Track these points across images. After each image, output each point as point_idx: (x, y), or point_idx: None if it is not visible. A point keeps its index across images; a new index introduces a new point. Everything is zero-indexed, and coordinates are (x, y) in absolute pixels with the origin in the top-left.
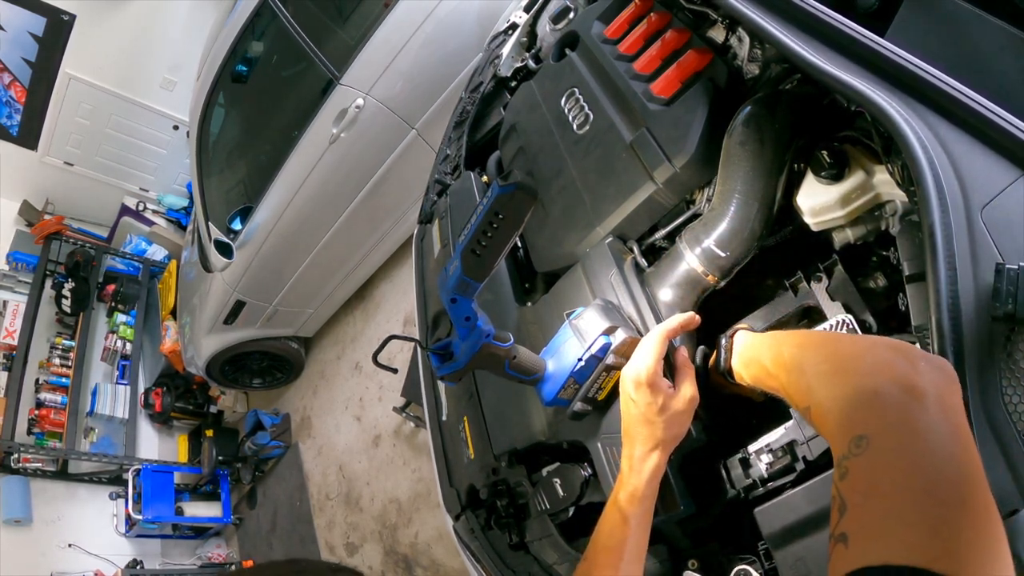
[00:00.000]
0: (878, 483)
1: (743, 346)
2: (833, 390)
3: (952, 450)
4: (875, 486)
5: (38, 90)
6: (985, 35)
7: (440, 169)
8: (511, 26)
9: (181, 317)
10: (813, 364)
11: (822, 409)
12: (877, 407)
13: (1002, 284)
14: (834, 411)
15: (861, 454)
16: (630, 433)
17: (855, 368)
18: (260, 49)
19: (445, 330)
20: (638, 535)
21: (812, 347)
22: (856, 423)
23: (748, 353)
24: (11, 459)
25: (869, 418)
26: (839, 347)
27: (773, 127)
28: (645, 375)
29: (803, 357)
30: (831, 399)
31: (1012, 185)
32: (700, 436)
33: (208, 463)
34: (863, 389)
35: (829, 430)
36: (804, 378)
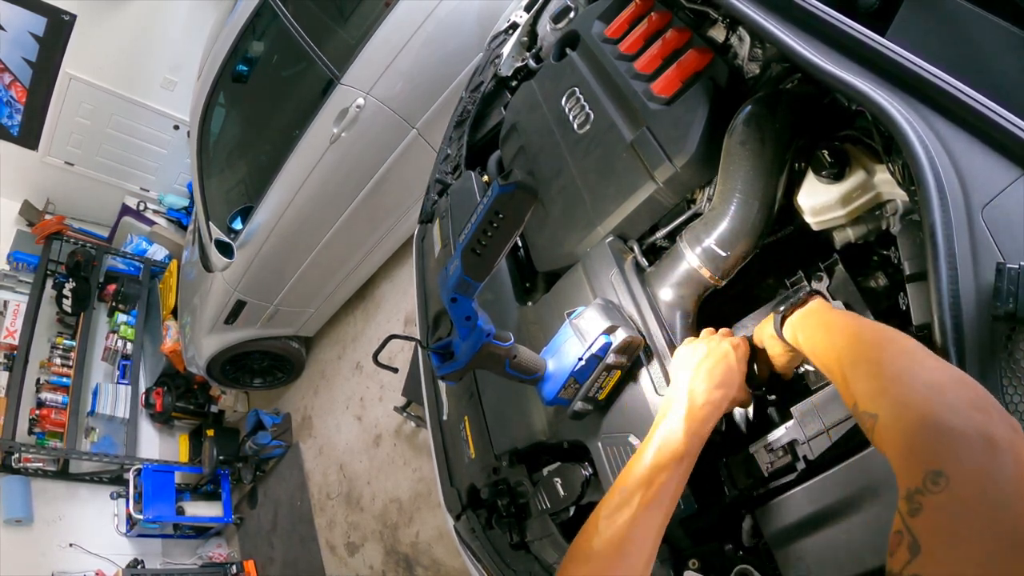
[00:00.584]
0: (959, 530)
1: (814, 311)
2: (909, 412)
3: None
4: (956, 533)
5: (39, 90)
6: (986, 34)
7: (441, 169)
8: (511, 26)
9: (182, 317)
10: (890, 374)
11: (888, 424)
12: (957, 447)
13: (1003, 283)
14: (907, 435)
15: (939, 492)
16: (720, 375)
17: (936, 399)
18: (261, 49)
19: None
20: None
21: (893, 353)
22: (933, 457)
23: (816, 320)
24: (12, 459)
25: (948, 456)
26: (922, 366)
27: (774, 126)
28: (745, 346)
29: (880, 360)
30: (905, 420)
31: (1013, 184)
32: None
33: (209, 463)
34: (942, 424)
35: (895, 450)
36: (874, 382)
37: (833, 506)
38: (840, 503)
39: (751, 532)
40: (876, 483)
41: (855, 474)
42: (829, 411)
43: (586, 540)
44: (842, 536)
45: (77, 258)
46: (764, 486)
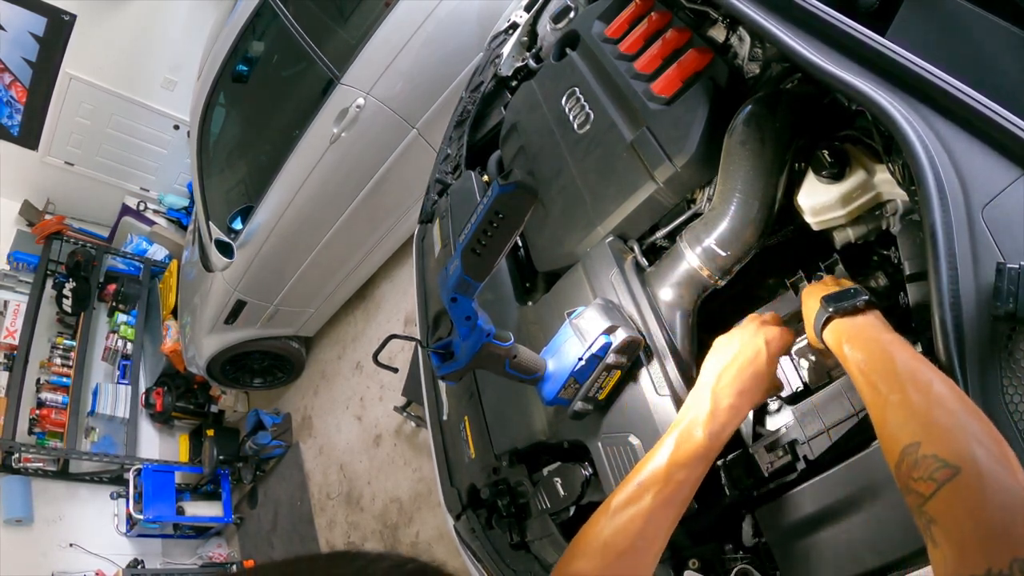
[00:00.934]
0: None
1: (871, 327)
2: (1004, 486)
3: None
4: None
5: (39, 90)
6: (986, 34)
7: (441, 169)
8: (512, 26)
9: (182, 317)
10: (960, 430)
11: (974, 486)
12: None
13: (1003, 283)
14: (990, 507)
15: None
16: (747, 378)
17: (1015, 476)
18: (261, 49)
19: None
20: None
21: (969, 410)
22: (1020, 542)
23: (875, 343)
24: (12, 459)
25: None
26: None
27: (774, 126)
28: (784, 338)
29: (960, 412)
30: (1002, 495)
31: (1013, 184)
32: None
33: (209, 463)
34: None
35: (975, 518)
36: (959, 434)
37: (833, 506)
38: (840, 503)
39: (751, 532)
40: (876, 483)
41: (855, 474)
42: (829, 411)
43: (595, 533)
44: (842, 536)
45: (77, 258)
46: (764, 486)
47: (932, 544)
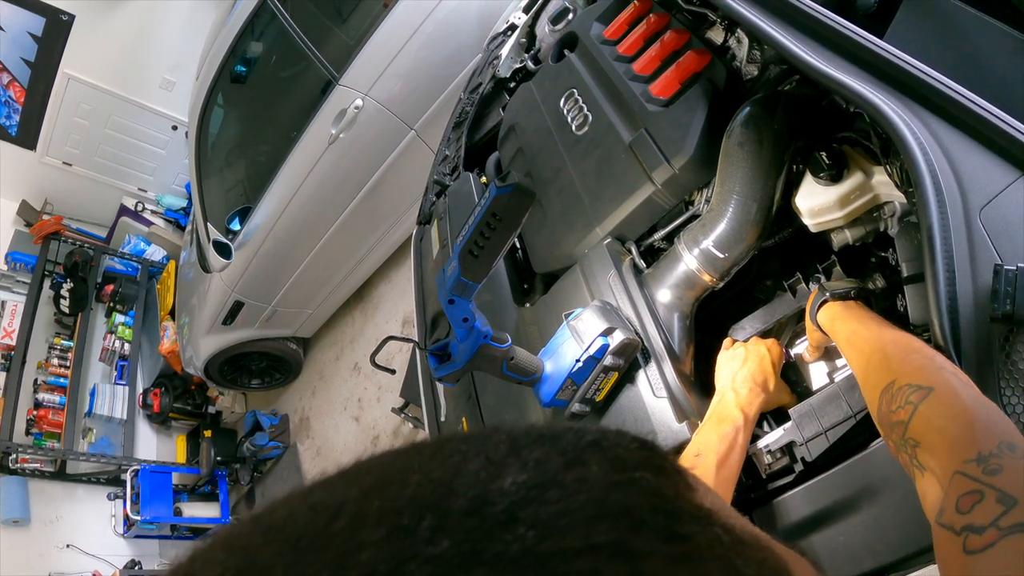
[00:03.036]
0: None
1: (858, 305)
2: (973, 390)
3: None
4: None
5: (37, 90)
6: (983, 36)
7: (439, 170)
8: (510, 27)
9: (180, 318)
10: (941, 361)
11: (949, 396)
12: (1017, 430)
13: (1000, 285)
14: (976, 408)
15: (1018, 458)
16: (761, 380)
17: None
18: (259, 49)
19: (443, 331)
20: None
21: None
22: (1004, 431)
23: (861, 312)
24: (9, 459)
25: (1014, 433)
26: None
27: (772, 128)
28: (780, 349)
29: (933, 353)
30: (971, 396)
31: (1010, 186)
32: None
33: (206, 464)
34: (999, 412)
35: (957, 420)
36: (929, 364)
37: (831, 508)
38: (838, 505)
39: None
40: (874, 485)
41: (853, 475)
42: (827, 413)
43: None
44: (840, 538)
45: (75, 258)
46: (762, 487)
47: (919, 472)
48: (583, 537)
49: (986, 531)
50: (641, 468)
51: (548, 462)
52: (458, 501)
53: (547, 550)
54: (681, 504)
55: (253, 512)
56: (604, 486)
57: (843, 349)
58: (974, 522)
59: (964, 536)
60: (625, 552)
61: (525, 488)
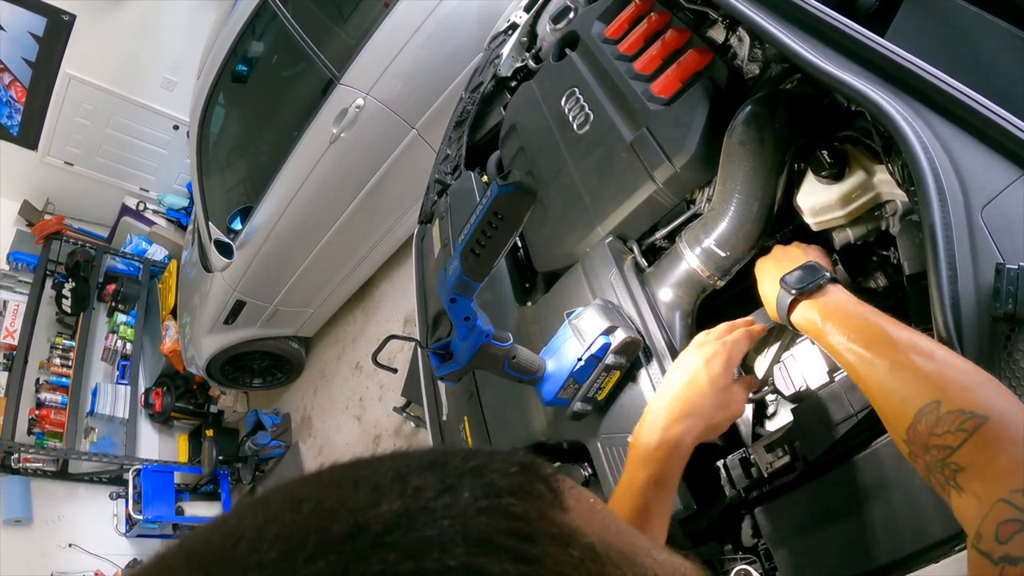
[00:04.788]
0: None
1: (846, 299)
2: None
3: None
4: None
5: (38, 90)
6: (985, 35)
7: (440, 169)
8: (511, 26)
9: (181, 317)
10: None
11: (1009, 422)
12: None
13: (1002, 284)
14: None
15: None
16: (681, 405)
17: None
18: (260, 49)
19: (445, 330)
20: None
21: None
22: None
23: (853, 308)
24: (11, 459)
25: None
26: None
27: (773, 127)
28: (732, 347)
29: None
30: (1016, 427)
31: (1012, 185)
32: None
33: (208, 463)
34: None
35: (1004, 454)
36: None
37: (833, 506)
38: (840, 503)
39: (751, 532)
40: (876, 483)
41: (855, 474)
42: (828, 412)
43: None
44: (842, 536)
45: (77, 258)
46: (764, 486)
47: (956, 492)
48: (438, 560)
49: (1021, 563)
50: (510, 494)
51: (425, 489)
52: (339, 526)
53: (405, 571)
54: (541, 526)
55: (180, 539)
56: (470, 512)
57: (839, 356)
58: (1011, 552)
59: (1001, 567)
60: (475, 573)
61: (398, 515)
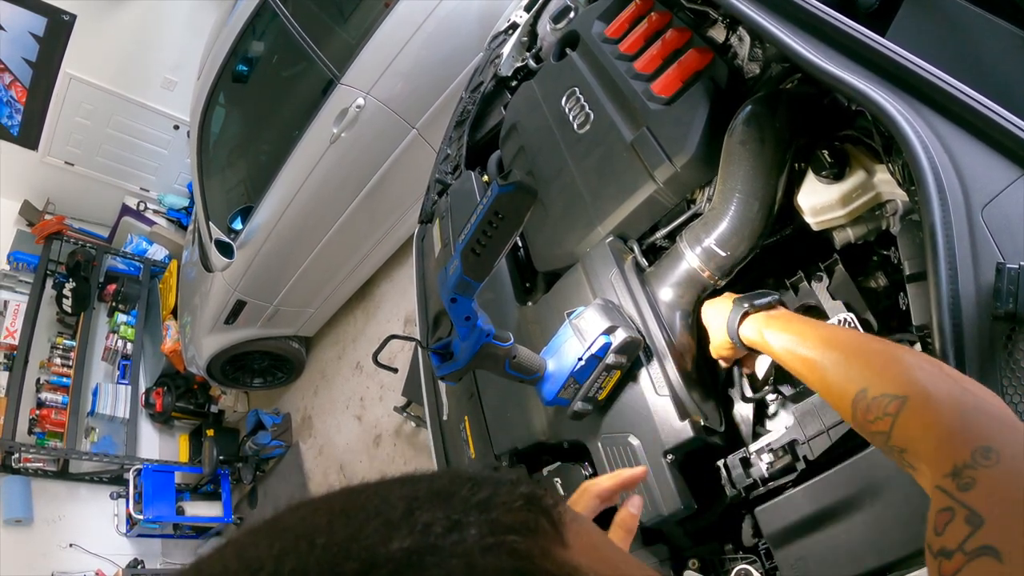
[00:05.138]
0: (1021, 496)
1: (785, 313)
2: (945, 395)
3: None
4: (1019, 500)
5: (39, 90)
6: (986, 34)
7: (441, 169)
8: (511, 26)
9: (182, 317)
10: (911, 361)
11: (922, 405)
12: (999, 426)
13: (1003, 283)
14: (949, 415)
15: (992, 466)
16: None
17: (967, 385)
18: (261, 49)
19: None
20: None
21: (896, 346)
22: (980, 434)
23: (789, 318)
24: (12, 459)
25: (994, 434)
26: (929, 360)
27: (774, 126)
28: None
29: (891, 351)
30: (944, 402)
31: (1013, 184)
32: (701, 435)
33: (209, 463)
34: (983, 406)
35: (933, 430)
36: (896, 367)
37: (833, 506)
38: (840, 503)
39: (751, 532)
40: (876, 483)
41: (855, 474)
42: (829, 411)
43: None
44: (842, 536)
45: (77, 258)
46: (764, 486)
47: (912, 471)
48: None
49: (954, 555)
50: (514, 531)
51: (433, 526)
52: (351, 565)
53: None
54: (544, 564)
55: (196, 560)
56: (477, 551)
57: (783, 359)
58: (946, 545)
59: (939, 561)
60: None
61: (408, 553)
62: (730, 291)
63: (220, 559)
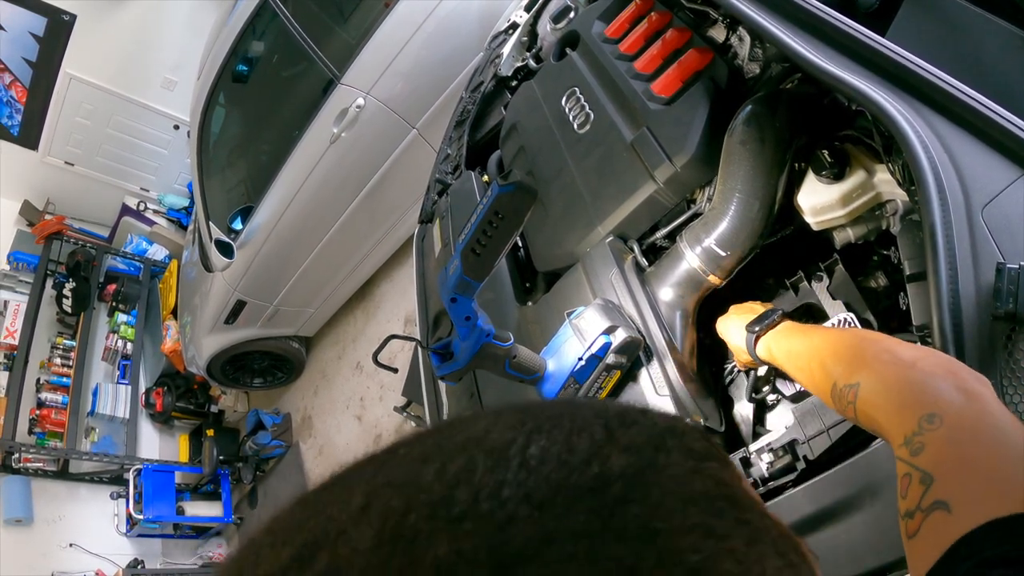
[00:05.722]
0: (965, 452)
1: (789, 326)
2: (891, 374)
3: (1019, 427)
4: (963, 455)
5: (39, 90)
6: (986, 34)
7: (441, 169)
8: (512, 26)
9: (182, 317)
10: (871, 351)
11: (872, 387)
12: (942, 394)
13: (1003, 283)
14: (894, 391)
15: (937, 429)
16: None
17: (914, 363)
18: (261, 49)
19: (446, 330)
20: None
21: (870, 339)
22: (923, 404)
23: (792, 331)
24: (12, 459)
25: (936, 401)
26: (896, 344)
27: (774, 126)
28: None
29: (860, 346)
30: (889, 380)
31: (1013, 184)
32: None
33: (209, 463)
34: (926, 378)
35: (883, 409)
36: (856, 361)
37: (833, 506)
38: (840, 503)
39: None
40: (876, 483)
41: (855, 474)
42: (829, 411)
43: None
44: (842, 536)
45: (77, 258)
46: (764, 486)
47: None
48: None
49: (915, 514)
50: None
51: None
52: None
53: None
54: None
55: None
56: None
57: (789, 372)
58: (908, 507)
59: (905, 523)
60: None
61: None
62: (730, 290)
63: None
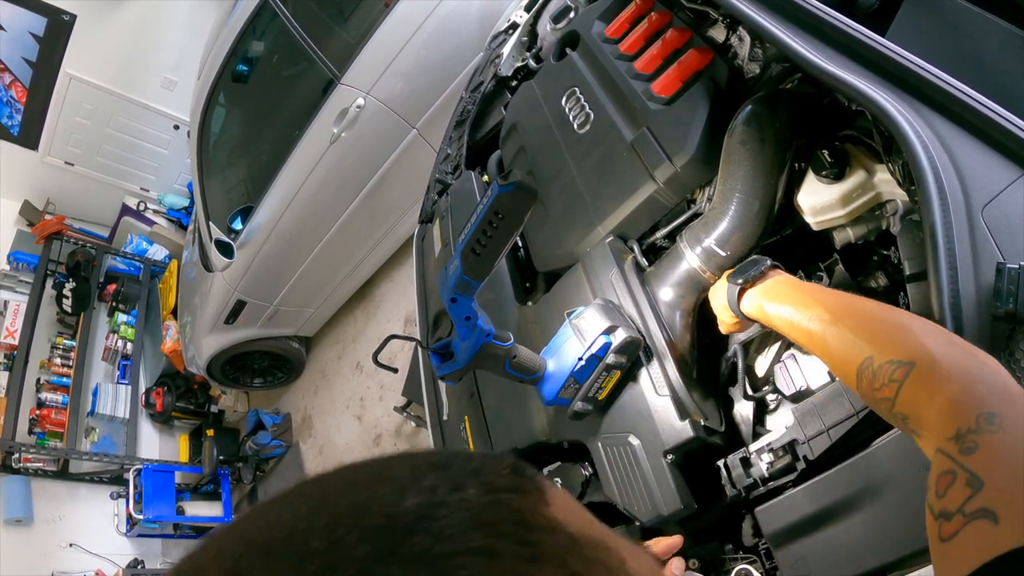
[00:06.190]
0: (1021, 461)
1: (784, 281)
2: (954, 360)
3: None
4: (1019, 464)
5: (39, 90)
6: (986, 34)
7: (441, 168)
8: (512, 26)
9: (182, 317)
10: (920, 327)
11: (929, 369)
12: (1004, 394)
13: (1003, 283)
14: (957, 380)
15: (995, 432)
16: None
17: (974, 352)
18: (261, 49)
19: (446, 330)
20: None
21: (901, 313)
22: (985, 400)
23: (790, 288)
24: (12, 459)
25: (999, 401)
26: (938, 329)
27: (774, 126)
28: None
29: (898, 318)
30: (953, 368)
31: (1013, 184)
32: (701, 435)
33: (209, 463)
34: (987, 371)
35: (940, 395)
36: (903, 334)
37: (833, 506)
38: (840, 503)
39: (751, 532)
40: (876, 483)
41: (855, 474)
42: (829, 411)
43: None
44: (842, 536)
45: (77, 258)
46: (764, 486)
47: (916, 436)
48: (463, 543)
49: (954, 517)
50: (507, 491)
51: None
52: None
53: (439, 551)
54: (534, 518)
55: (232, 524)
56: (479, 506)
57: (785, 331)
58: (946, 507)
59: (940, 523)
60: (490, 553)
61: (421, 507)
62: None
63: (256, 520)
